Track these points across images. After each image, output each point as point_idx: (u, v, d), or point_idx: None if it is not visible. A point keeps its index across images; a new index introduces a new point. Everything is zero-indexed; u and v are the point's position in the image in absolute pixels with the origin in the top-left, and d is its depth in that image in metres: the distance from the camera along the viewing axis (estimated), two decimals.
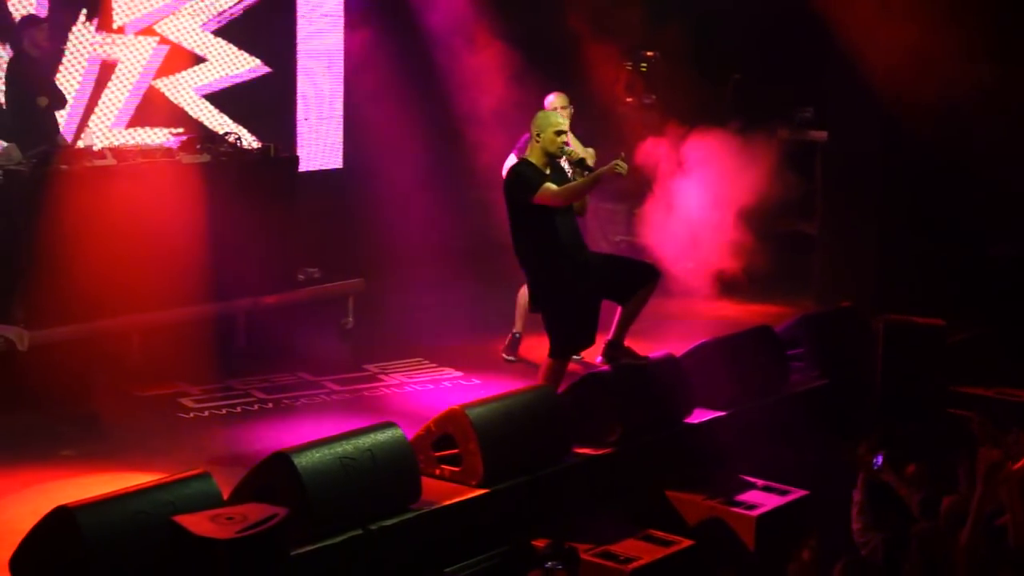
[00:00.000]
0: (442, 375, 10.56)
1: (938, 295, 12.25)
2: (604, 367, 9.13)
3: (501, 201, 9.03)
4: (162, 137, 11.40)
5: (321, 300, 11.62)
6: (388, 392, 10.13)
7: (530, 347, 10.64)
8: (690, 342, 9.97)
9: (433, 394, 10.06)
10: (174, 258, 10.23)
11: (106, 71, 11.29)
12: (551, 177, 8.87)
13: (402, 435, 7.55)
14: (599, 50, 13.79)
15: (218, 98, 12.06)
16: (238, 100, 12.16)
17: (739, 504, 8.58)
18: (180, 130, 11.57)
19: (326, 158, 13.05)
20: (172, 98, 11.66)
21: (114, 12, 11.25)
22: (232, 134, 11.40)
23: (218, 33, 11.92)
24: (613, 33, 13.99)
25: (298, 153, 12.46)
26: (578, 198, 8.91)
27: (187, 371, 10.12)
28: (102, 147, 10.72)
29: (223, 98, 12.08)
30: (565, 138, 8.92)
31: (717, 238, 12.70)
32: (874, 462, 6.92)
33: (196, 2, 11.69)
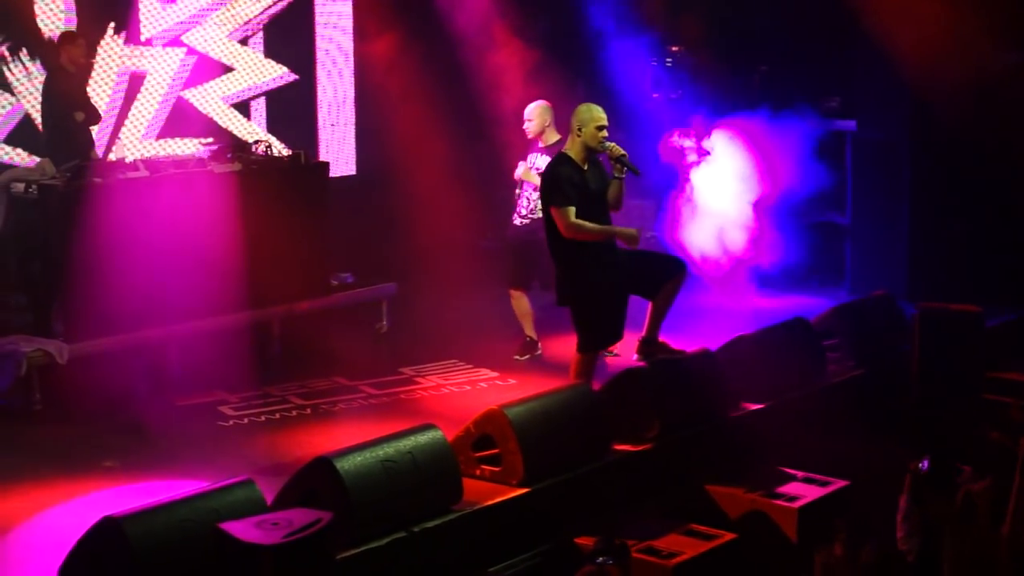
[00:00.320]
0: (478, 376, 10.59)
1: (973, 280, 12.21)
2: (640, 363, 9.13)
3: None
4: (193, 147, 11.46)
5: (355, 305, 11.68)
6: (425, 395, 10.16)
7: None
8: (725, 336, 9.96)
9: (470, 395, 10.09)
10: (208, 267, 10.31)
11: (135, 83, 11.37)
12: (589, 173, 8.87)
13: (442, 436, 7.57)
14: (624, 46, 13.79)
15: (247, 106, 12.10)
16: (266, 108, 12.21)
17: (780, 496, 8.53)
18: (210, 140, 11.62)
19: (351, 163, 13.08)
20: (201, 108, 11.71)
21: (142, 24, 11.32)
22: (262, 142, 11.46)
23: (244, 42, 11.97)
24: (637, 28, 14.00)
25: (325, 159, 12.51)
26: (586, 238, 8.76)
27: (225, 379, 10.18)
28: (134, 159, 10.79)
29: (252, 106, 12.13)
30: (606, 132, 8.85)
31: (746, 230, 12.72)
32: (920, 466, 6.88)
33: (222, 12, 11.74)
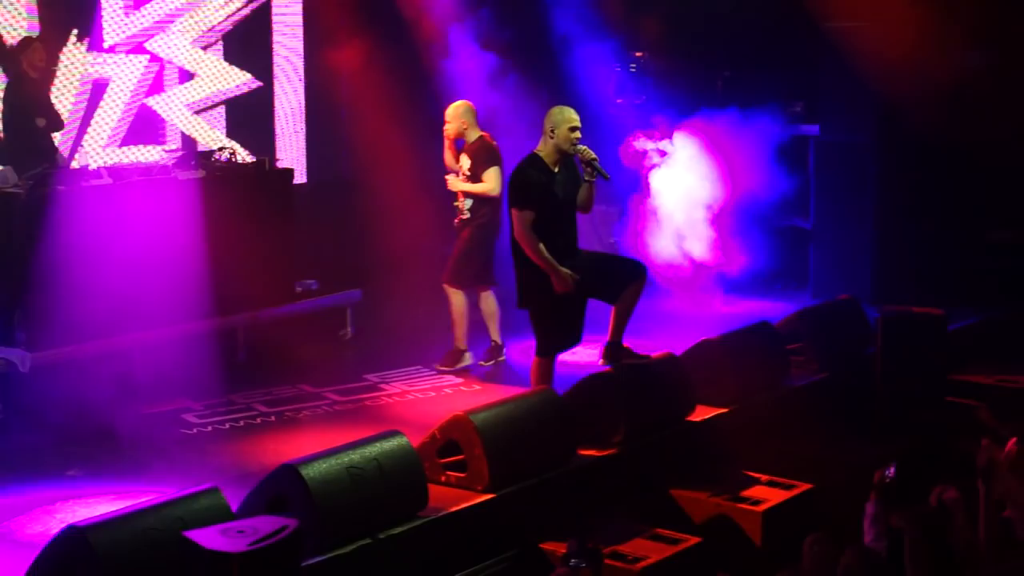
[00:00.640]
0: (443, 382, 10.58)
1: (937, 284, 12.28)
2: (605, 368, 9.15)
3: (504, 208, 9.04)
4: (156, 155, 11.43)
5: (320, 312, 11.67)
6: (390, 401, 10.15)
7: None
8: (690, 340, 10.00)
9: (435, 401, 10.08)
10: (173, 274, 10.28)
11: (98, 90, 11.32)
12: (560, 175, 8.87)
13: (408, 443, 7.58)
14: (588, 51, 13.82)
15: (211, 113, 12.08)
16: (231, 115, 12.17)
17: (745, 500, 8.58)
18: (174, 147, 11.58)
19: (314, 170, 13.03)
20: (165, 115, 11.68)
21: (104, 31, 11.27)
22: (226, 149, 11.43)
23: (208, 49, 11.94)
24: (601, 33, 14.03)
25: (290, 166, 12.49)
26: (528, 249, 8.75)
27: (189, 387, 10.14)
28: (98, 167, 10.76)
29: (216, 113, 12.10)
30: (579, 135, 8.84)
31: (709, 234, 12.76)
32: (886, 473, 6.91)
33: (185, 19, 11.71)
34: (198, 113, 11.86)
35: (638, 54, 14.54)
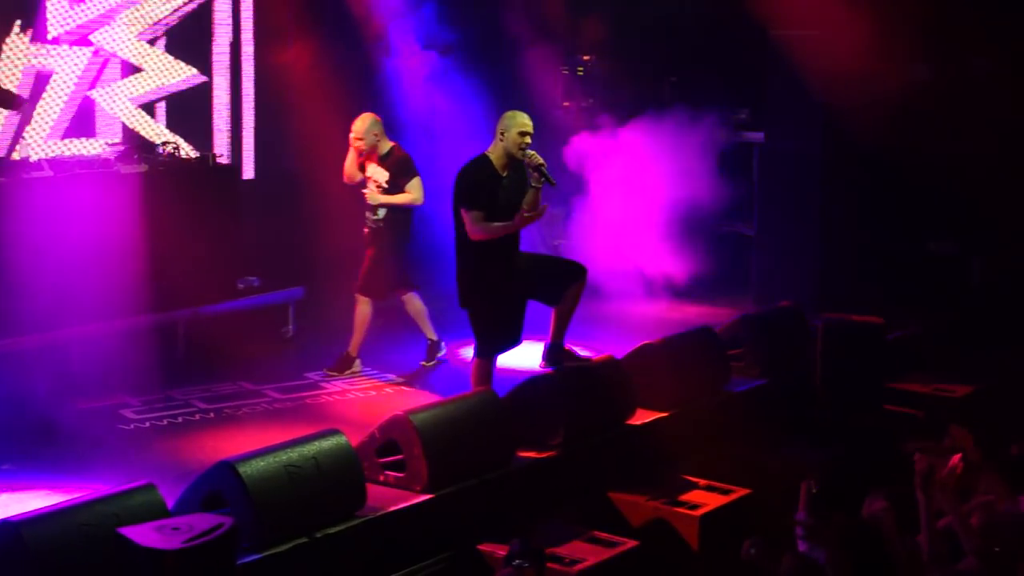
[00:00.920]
0: (383, 382, 10.56)
1: (878, 293, 12.38)
2: (546, 370, 9.16)
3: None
4: (99, 148, 11.33)
5: (261, 309, 11.61)
6: (330, 400, 10.12)
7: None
8: (631, 344, 10.03)
9: (376, 401, 10.06)
10: (113, 269, 10.21)
11: (41, 82, 11.20)
12: (508, 179, 8.88)
13: (347, 442, 7.56)
14: (536, 54, 13.83)
15: (156, 107, 11.98)
16: (178, 109, 12.09)
17: (682, 504, 8.62)
18: (117, 140, 11.50)
19: (258, 167, 12.93)
20: (108, 108, 11.58)
21: (49, 23, 11.15)
22: (169, 143, 11.36)
23: (154, 43, 11.85)
24: (550, 37, 14.05)
25: (237, 161, 12.43)
26: (493, 236, 8.74)
27: (127, 382, 10.08)
28: (39, 159, 10.66)
29: (162, 107, 12.01)
30: (529, 140, 8.84)
31: (652, 238, 12.81)
32: (811, 485, 6.95)
33: (131, 12, 11.61)
34: (142, 107, 11.77)
35: (586, 57, 14.58)
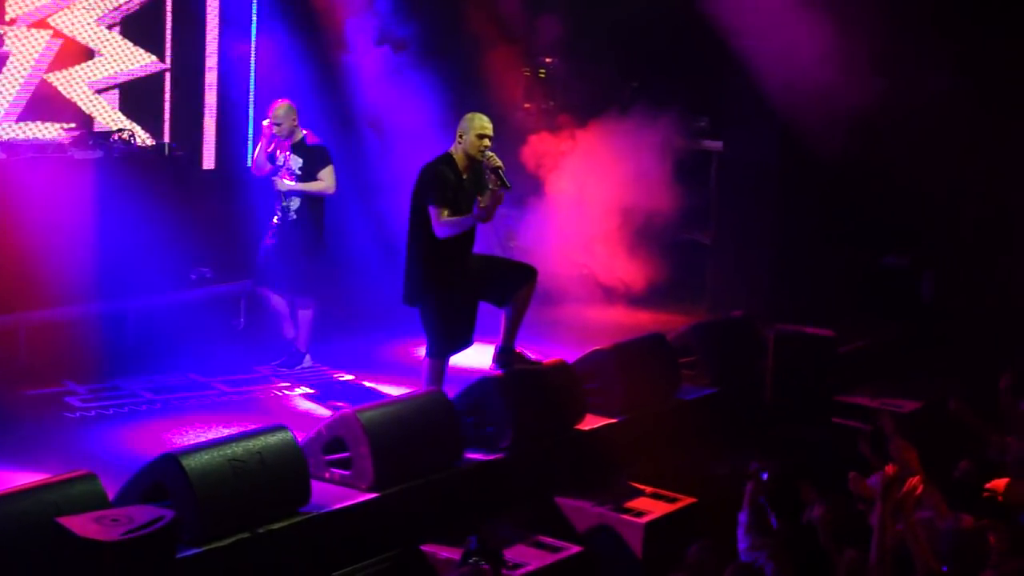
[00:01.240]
0: (334, 378, 10.52)
1: (831, 304, 12.43)
2: (496, 372, 9.14)
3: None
4: (54, 132, 11.23)
5: (213, 300, 11.54)
6: (279, 394, 10.07)
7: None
8: (583, 348, 10.03)
9: (325, 397, 10.01)
10: (64, 255, 10.12)
11: None
12: (468, 180, 8.86)
13: (292, 438, 7.52)
14: (498, 55, 13.81)
15: (114, 94, 11.88)
16: (137, 96, 11.99)
17: (628, 511, 8.62)
18: (72, 125, 11.39)
19: (212, 157, 12.83)
20: (65, 92, 11.48)
21: (7, 4, 11.04)
22: (126, 131, 11.27)
23: (113, 28, 11.75)
24: (517, 40, 14.03)
25: (196, 151, 12.33)
26: (456, 231, 8.74)
27: (74, 370, 10.00)
28: None
29: (120, 94, 11.91)
30: (488, 143, 8.85)
31: (607, 242, 12.81)
32: (760, 476, 6.97)
33: None
34: (100, 93, 11.67)
35: (548, 60, 14.57)
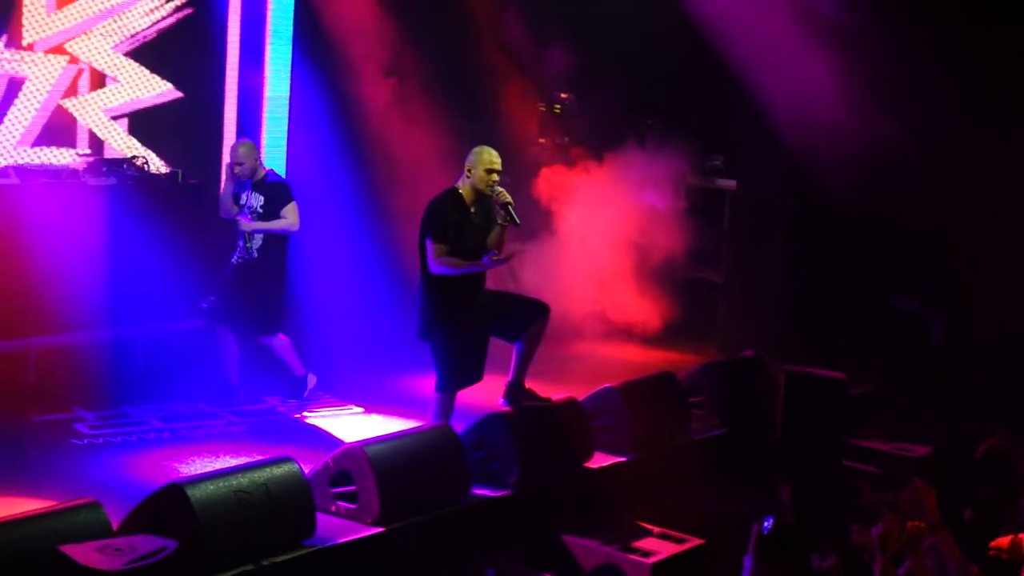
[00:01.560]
0: (343, 410, 10.49)
1: (841, 346, 12.38)
2: (505, 408, 9.10)
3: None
4: (68, 158, 11.24)
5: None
6: (288, 425, 10.05)
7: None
8: (593, 386, 9.99)
9: (333, 429, 9.98)
10: (76, 281, 10.11)
11: (13, 88, 11.12)
12: (476, 214, 8.86)
13: (298, 470, 7.48)
14: (514, 90, 13.82)
15: (130, 121, 11.89)
16: (152, 124, 12.00)
17: (635, 551, 8.56)
18: (87, 151, 11.41)
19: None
20: (80, 119, 11.50)
21: (24, 29, 11.07)
22: (140, 158, 11.28)
23: (130, 55, 11.78)
24: (529, 73, 14.04)
25: (210, 179, 12.33)
26: (451, 271, 8.74)
27: (84, 396, 9.98)
28: (5, 165, 10.57)
29: (135, 121, 11.92)
30: (497, 177, 8.86)
31: (618, 279, 12.79)
32: (763, 526, 6.92)
33: (109, 23, 11.54)
34: (115, 119, 11.69)
35: (563, 95, 14.58)
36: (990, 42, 12.56)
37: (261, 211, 10.34)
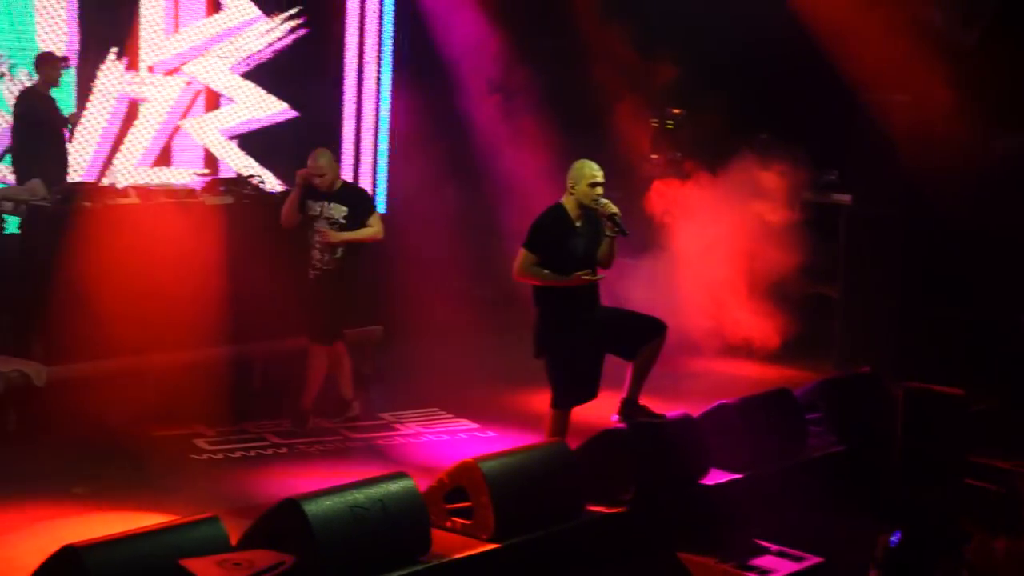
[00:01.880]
0: (458, 426, 10.51)
1: (960, 363, 12.17)
2: (620, 425, 9.07)
3: (514, 254, 9.00)
4: (186, 177, 11.42)
5: None
6: (403, 441, 10.08)
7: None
8: (708, 402, 9.91)
9: (448, 445, 10.01)
10: (194, 299, 10.23)
11: (133, 110, 11.33)
12: (582, 229, 8.85)
13: (414, 486, 7.50)
14: (625, 106, 13.80)
15: (245, 140, 12.06)
16: (267, 142, 12.14)
17: (752, 569, 8.47)
18: (205, 171, 11.58)
19: None
20: (198, 139, 11.68)
21: (143, 52, 11.29)
22: (256, 176, 11.41)
23: (246, 76, 11.95)
24: (641, 89, 14.01)
25: None
26: (542, 284, 8.76)
27: (203, 412, 10.10)
28: (126, 185, 10.75)
29: (251, 140, 12.08)
30: (600, 190, 8.85)
31: (732, 294, 12.68)
32: (890, 541, 6.81)
33: (225, 44, 11.73)
34: (231, 139, 11.86)
35: (676, 111, 14.52)
36: None
37: (344, 221, 10.07)
